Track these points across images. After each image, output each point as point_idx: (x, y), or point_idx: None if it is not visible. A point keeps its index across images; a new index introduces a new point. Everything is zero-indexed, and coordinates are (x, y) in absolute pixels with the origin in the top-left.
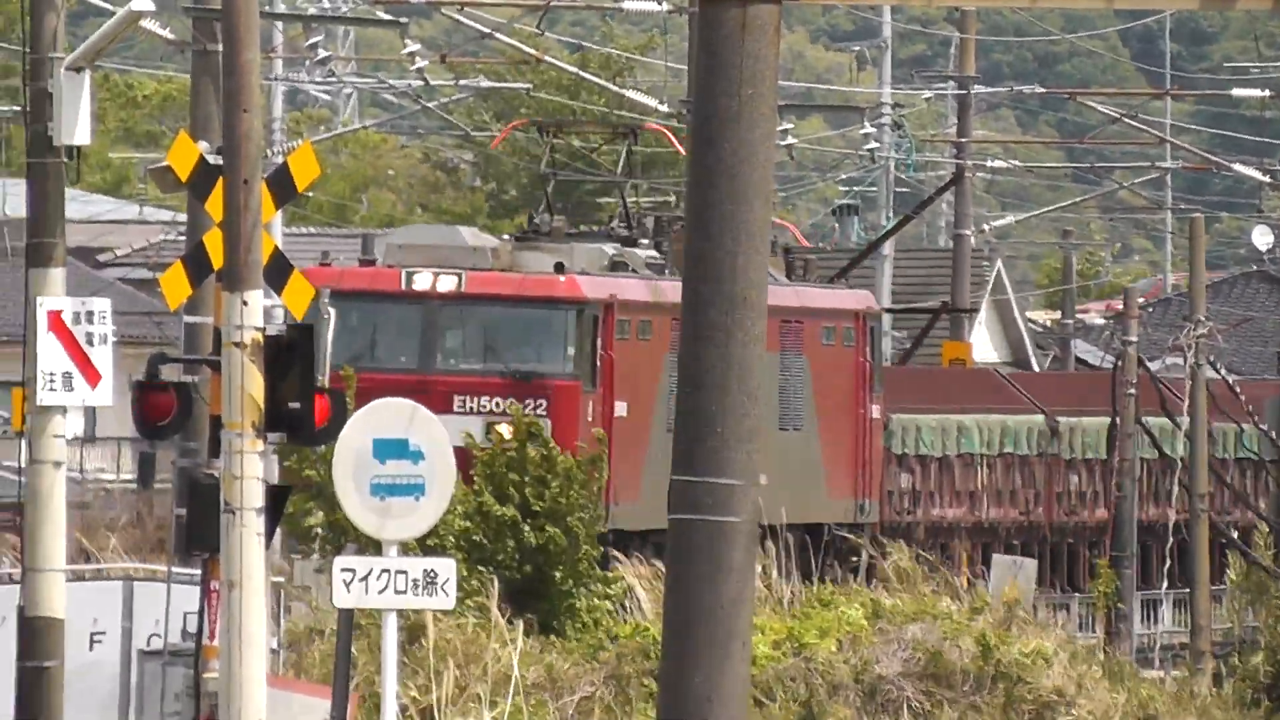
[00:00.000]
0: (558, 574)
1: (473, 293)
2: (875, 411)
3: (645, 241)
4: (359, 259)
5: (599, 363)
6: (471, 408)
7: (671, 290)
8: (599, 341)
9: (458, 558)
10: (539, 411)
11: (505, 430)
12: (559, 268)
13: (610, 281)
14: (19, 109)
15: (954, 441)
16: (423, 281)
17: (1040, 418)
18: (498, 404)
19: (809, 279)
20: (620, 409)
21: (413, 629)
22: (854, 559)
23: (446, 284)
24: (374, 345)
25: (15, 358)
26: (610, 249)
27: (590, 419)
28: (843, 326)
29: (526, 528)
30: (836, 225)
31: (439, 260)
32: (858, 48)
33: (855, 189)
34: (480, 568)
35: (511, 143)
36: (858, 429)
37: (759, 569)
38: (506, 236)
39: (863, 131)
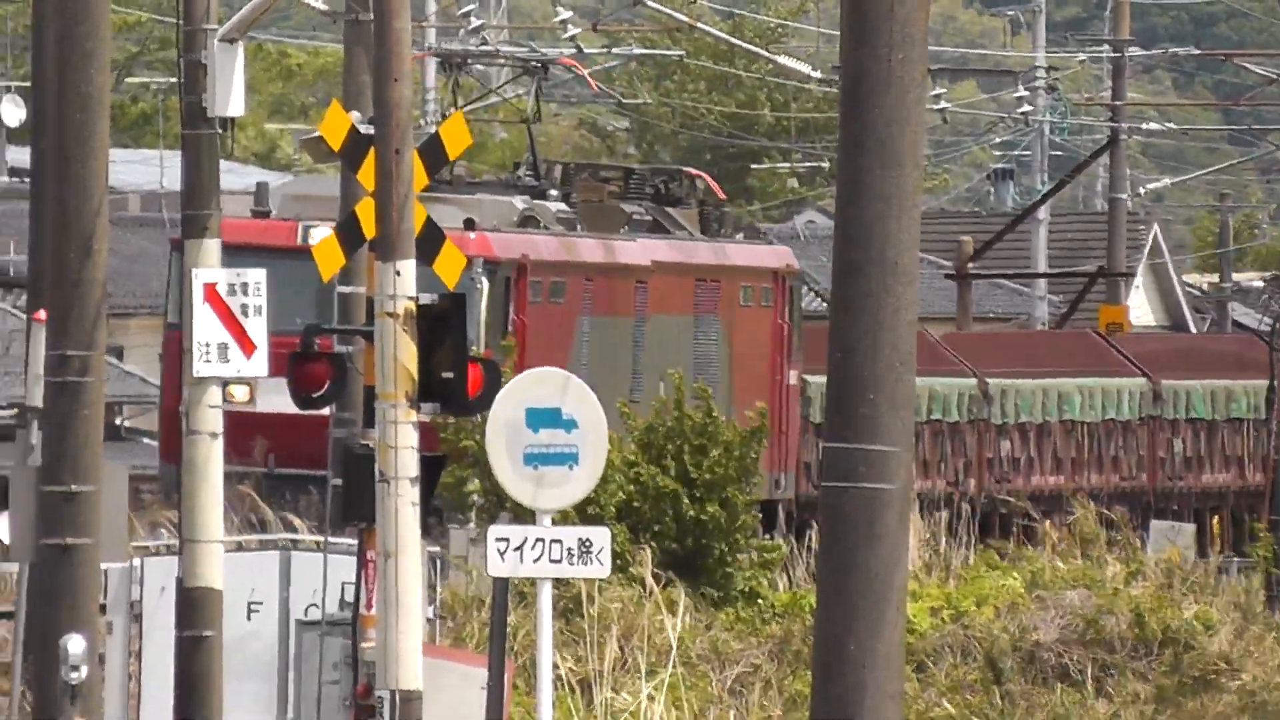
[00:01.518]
0: (716, 545)
1: None
2: (793, 378)
3: (554, 193)
4: (251, 209)
5: (510, 327)
6: None
7: (586, 248)
8: (510, 305)
9: (615, 529)
10: None
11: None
12: (469, 224)
13: (523, 239)
14: (174, 81)
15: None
16: (320, 236)
17: (972, 381)
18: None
19: (725, 233)
20: None
21: (576, 599)
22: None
23: None
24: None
25: None
26: (520, 202)
27: None
28: (760, 286)
29: (685, 499)
30: (991, 190)
31: (338, 213)
32: (1011, 11)
33: (1010, 153)
34: (640, 538)
35: (670, 107)
36: (774, 397)
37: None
38: None
39: (1017, 95)
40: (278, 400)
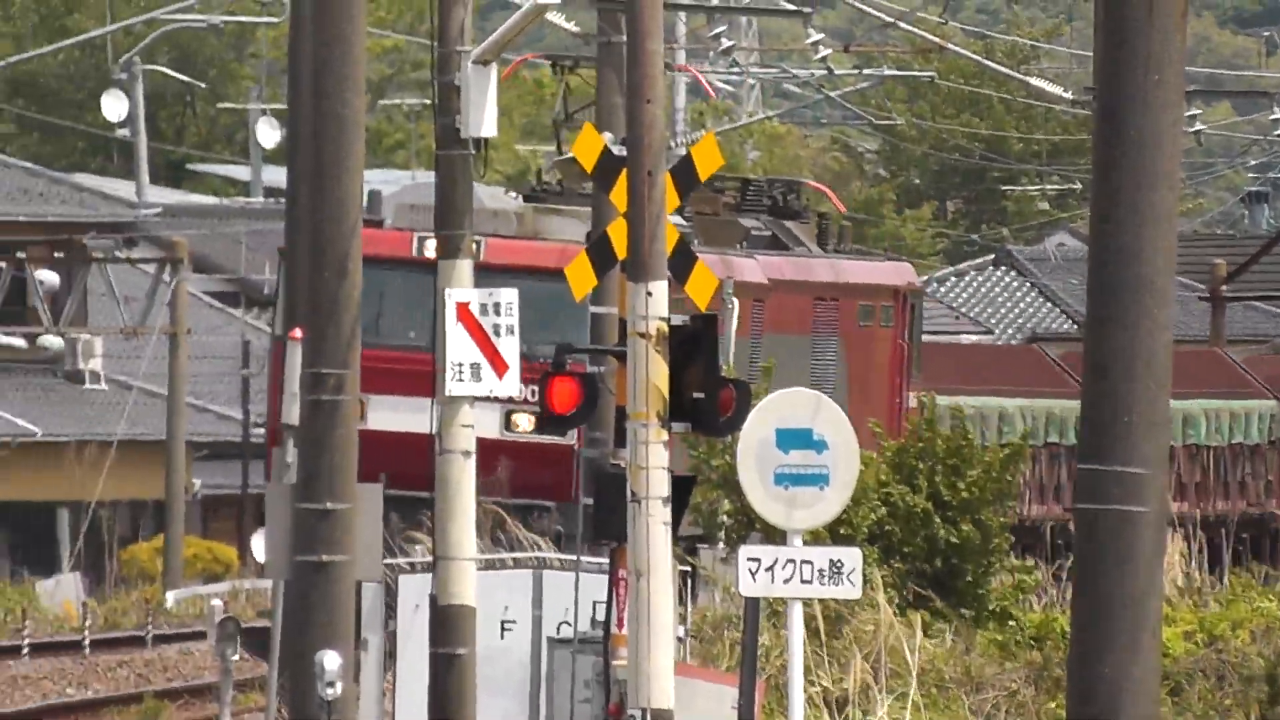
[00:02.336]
0: (968, 567)
1: (495, 262)
2: (913, 399)
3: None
4: (363, 218)
5: None
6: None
7: (707, 265)
8: None
9: (866, 550)
10: None
11: (525, 422)
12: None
13: None
14: (426, 102)
15: (994, 430)
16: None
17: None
18: (519, 390)
19: (844, 249)
20: None
21: (829, 619)
22: None
23: None
24: (379, 318)
25: None
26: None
27: None
28: (881, 304)
29: (938, 520)
30: (1245, 212)
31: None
32: (1267, 32)
33: (1265, 175)
34: (890, 559)
35: (920, 130)
36: (892, 419)
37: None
38: (515, 194)
39: (1272, 117)
40: (388, 418)
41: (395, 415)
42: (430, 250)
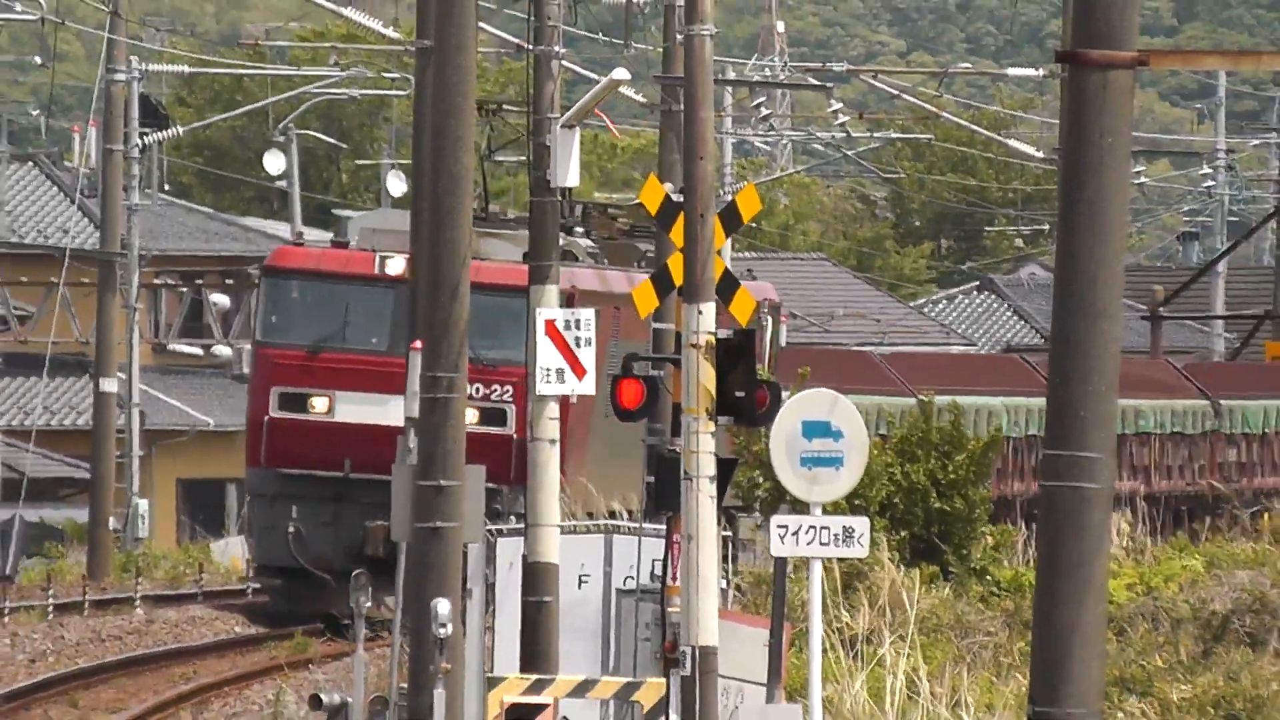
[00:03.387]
0: (956, 533)
1: None
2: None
3: (579, 230)
4: (331, 240)
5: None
6: None
7: (616, 280)
8: None
9: (877, 521)
10: (505, 397)
11: (471, 415)
12: (527, 257)
13: (570, 272)
14: (523, 160)
15: (872, 427)
16: (395, 266)
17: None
18: (476, 390)
19: None
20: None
21: (851, 575)
22: None
23: None
24: (346, 326)
25: None
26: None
27: None
28: None
29: (934, 495)
30: (1179, 248)
31: (407, 245)
32: (1198, 105)
33: (1195, 219)
34: (897, 528)
35: (920, 182)
36: None
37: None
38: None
39: (1201, 172)
40: (353, 411)
41: (359, 409)
42: (390, 268)
